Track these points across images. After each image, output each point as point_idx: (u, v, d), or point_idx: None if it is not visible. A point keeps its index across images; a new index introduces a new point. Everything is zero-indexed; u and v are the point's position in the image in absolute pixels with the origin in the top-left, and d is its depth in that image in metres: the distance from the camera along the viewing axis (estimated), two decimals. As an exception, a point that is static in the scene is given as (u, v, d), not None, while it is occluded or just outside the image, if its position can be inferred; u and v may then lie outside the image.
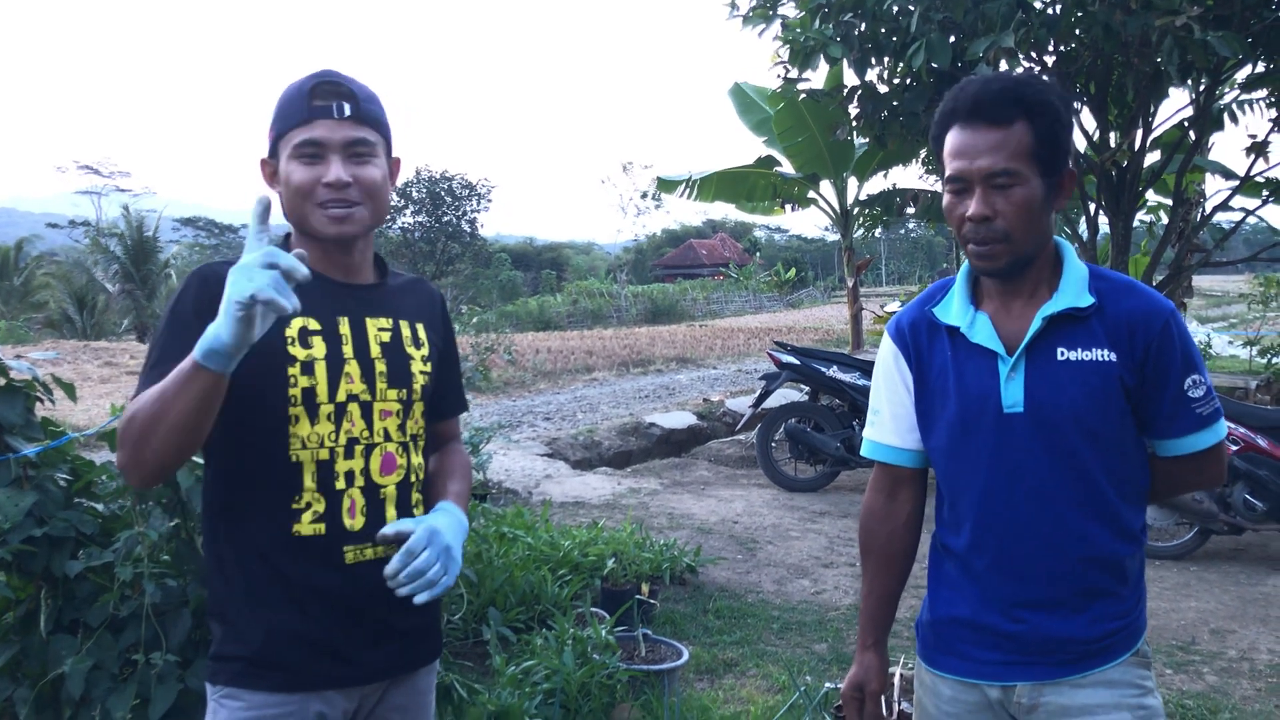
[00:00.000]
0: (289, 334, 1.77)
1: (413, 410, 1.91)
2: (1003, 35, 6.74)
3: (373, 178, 1.80)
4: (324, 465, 1.78)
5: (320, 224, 1.79)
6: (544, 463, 9.30)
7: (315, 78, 1.80)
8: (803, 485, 8.59)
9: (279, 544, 1.77)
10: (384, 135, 1.86)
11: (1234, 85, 8.99)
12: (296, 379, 1.76)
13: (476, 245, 44.43)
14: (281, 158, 1.80)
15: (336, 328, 1.83)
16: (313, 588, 1.78)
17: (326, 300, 1.83)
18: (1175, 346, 1.78)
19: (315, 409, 1.77)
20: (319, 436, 1.78)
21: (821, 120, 13.60)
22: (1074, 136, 2.02)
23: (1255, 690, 4.42)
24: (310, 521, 1.77)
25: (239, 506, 1.80)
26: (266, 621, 1.77)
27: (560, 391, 16.57)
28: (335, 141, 1.77)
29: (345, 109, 1.78)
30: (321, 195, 1.77)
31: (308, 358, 1.77)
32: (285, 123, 1.79)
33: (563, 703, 3.60)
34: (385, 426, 1.85)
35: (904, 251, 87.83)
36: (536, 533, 5.55)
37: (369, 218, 1.82)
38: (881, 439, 2.00)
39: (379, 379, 1.85)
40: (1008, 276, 1.80)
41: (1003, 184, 1.73)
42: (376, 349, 1.86)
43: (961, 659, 1.90)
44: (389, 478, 1.86)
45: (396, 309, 1.94)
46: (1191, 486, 1.92)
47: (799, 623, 5.21)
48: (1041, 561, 1.80)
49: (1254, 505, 6.16)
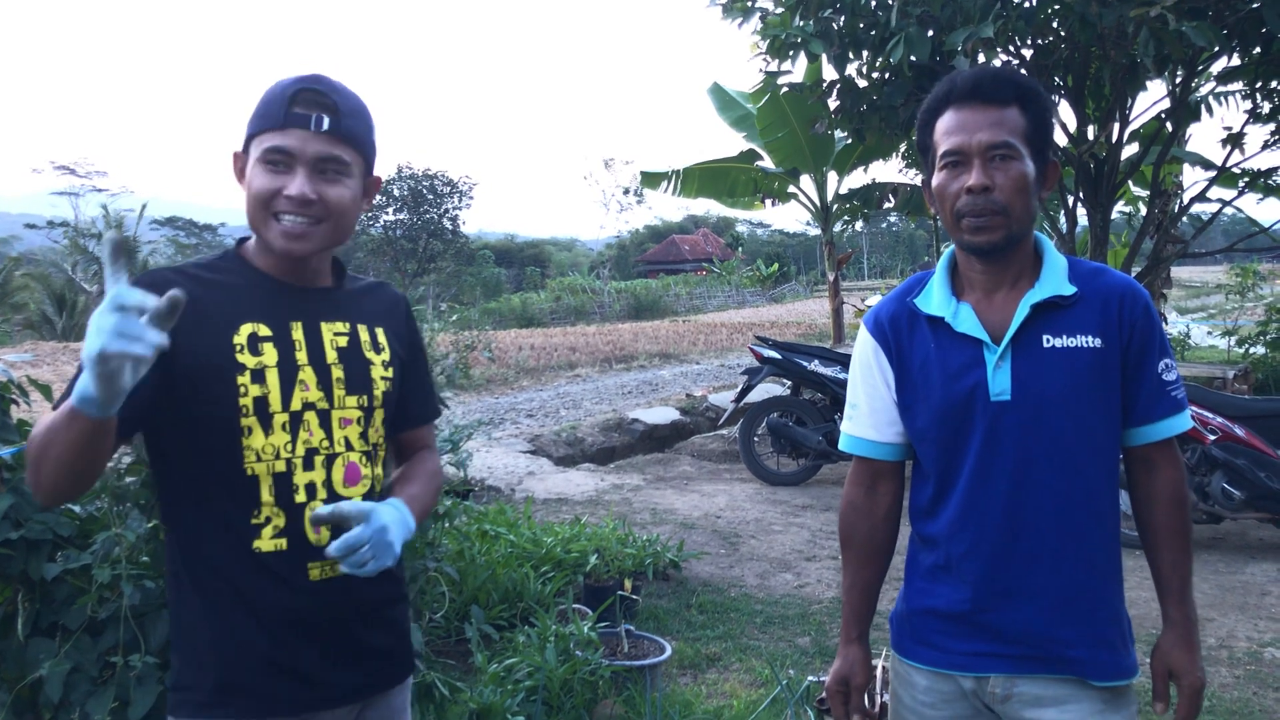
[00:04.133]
0: (237, 341, 1.67)
1: (374, 418, 1.81)
2: (981, 26, 6.77)
3: (339, 199, 1.70)
4: (282, 478, 1.68)
5: (273, 237, 1.68)
6: (527, 460, 9.28)
7: (301, 82, 1.69)
8: (785, 479, 8.61)
9: (239, 561, 1.67)
10: (363, 154, 1.76)
11: (1210, 78, 9.06)
12: (247, 388, 1.65)
13: (459, 242, 44.36)
14: (251, 158, 1.70)
15: (289, 333, 1.73)
16: (277, 607, 1.68)
17: (279, 304, 1.74)
18: (1155, 329, 1.81)
19: (269, 419, 1.67)
20: (274, 448, 1.68)
21: (802, 115, 13.66)
22: (1054, 131, 2.05)
23: (1234, 677, 4.46)
24: (271, 537, 1.68)
25: (195, 523, 1.69)
26: (229, 645, 1.68)
27: (543, 388, 16.55)
28: (307, 154, 1.66)
29: (324, 122, 1.67)
30: (280, 206, 1.66)
31: (258, 365, 1.67)
32: (260, 123, 1.69)
33: (545, 700, 3.60)
34: (346, 435, 1.76)
35: (885, 245, 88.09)
36: (519, 530, 5.55)
37: (326, 239, 1.72)
38: (860, 433, 2.00)
39: (336, 386, 1.75)
40: (1000, 254, 1.80)
41: (1002, 155, 1.75)
42: (333, 354, 1.76)
43: (935, 649, 1.90)
44: (354, 489, 1.76)
45: (354, 313, 1.84)
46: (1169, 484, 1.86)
47: (782, 616, 5.23)
48: (1018, 548, 1.80)
49: (1232, 494, 6.21)
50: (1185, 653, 1.84)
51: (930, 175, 1.86)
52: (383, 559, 1.62)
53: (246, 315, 1.70)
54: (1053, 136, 1.84)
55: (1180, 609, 1.86)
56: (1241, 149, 8.84)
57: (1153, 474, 1.87)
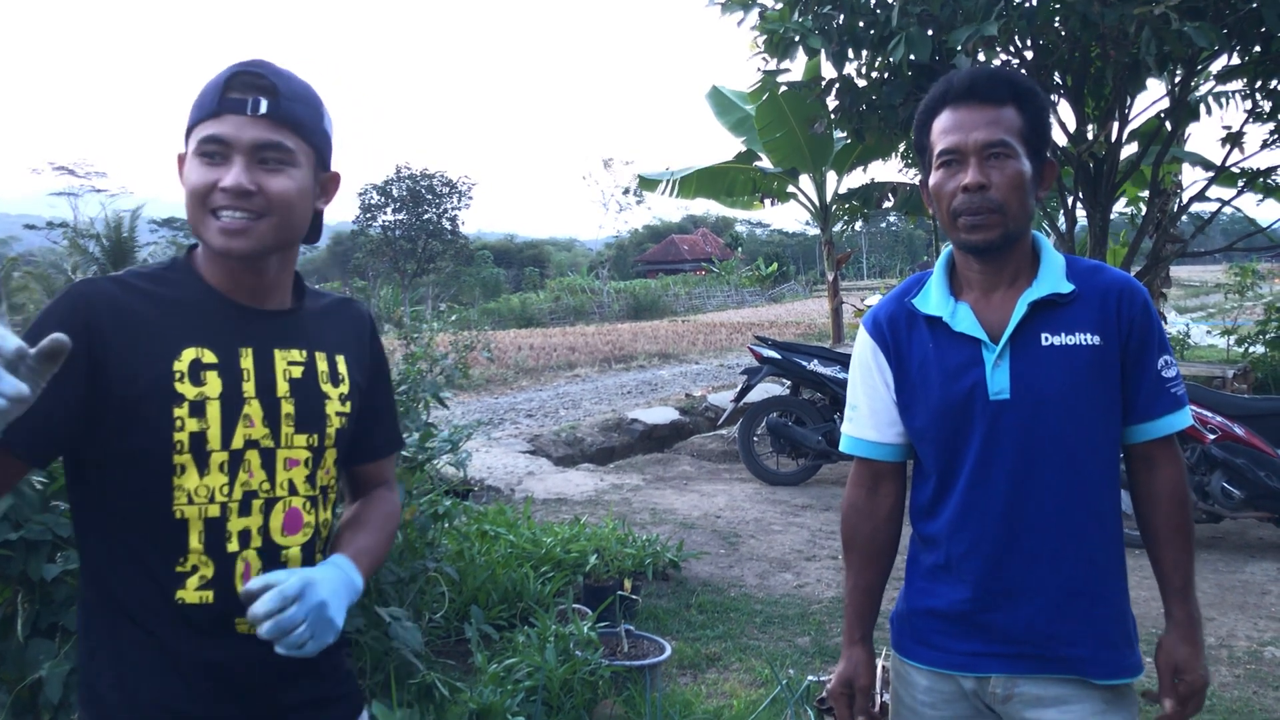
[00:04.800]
0: (177, 368, 1.48)
1: (324, 459, 1.62)
2: (984, 25, 6.77)
3: (283, 190, 1.50)
4: (214, 523, 1.49)
5: (210, 235, 1.49)
6: (526, 460, 9.28)
7: (237, 66, 1.51)
8: (785, 479, 8.61)
9: (159, 612, 1.49)
10: (311, 143, 1.56)
11: (1209, 77, 9.06)
12: (184, 422, 1.46)
13: (458, 243, 44.40)
14: (188, 155, 1.52)
15: (236, 361, 1.53)
16: (199, 662, 1.50)
17: (227, 328, 1.54)
18: (1154, 325, 1.81)
19: (205, 458, 1.48)
20: (208, 490, 1.48)
21: (801, 115, 13.65)
22: (1052, 131, 2.05)
23: (1234, 677, 4.46)
24: (196, 588, 1.49)
25: (110, 563, 1.51)
26: (144, 701, 1.50)
27: (543, 388, 16.55)
28: (242, 142, 1.47)
29: (261, 105, 1.49)
30: (216, 201, 1.48)
31: (198, 396, 1.48)
32: (196, 114, 1.51)
33: (545, 700, 3.60)
34: (290, 478, 1.56)
35: (884, 245, 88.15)
36: (518, 530, 5.55)
37: (270, 236, 1.51)
38: (860, 434, 2.00)
39: (285, 422, 1.56)
40: (997, 252, 1.80)
41: (998, 154, 1.75)
42: (284, 386, 1.57)
43: (935, 650, 1.90)
44: (293, 538, 1.56)
45: (313, 339, 1.64)
46: (1170, 482, 1.85)
47: (781, 616, 5.22)
48: (1019, 547, 1.80)
49: (1232, 493, 6.22)
50: (1188, 650, 1.83)
51: (928, 175, 1.86)
52: (323, 637, 1.45)
53: (190, 338, 1.51)
54: (1050, 136, 1.84)
55: (1183, 607, 1.86)
56: (1241, 148, 8.85)
57: (1153, 472, 1.87)
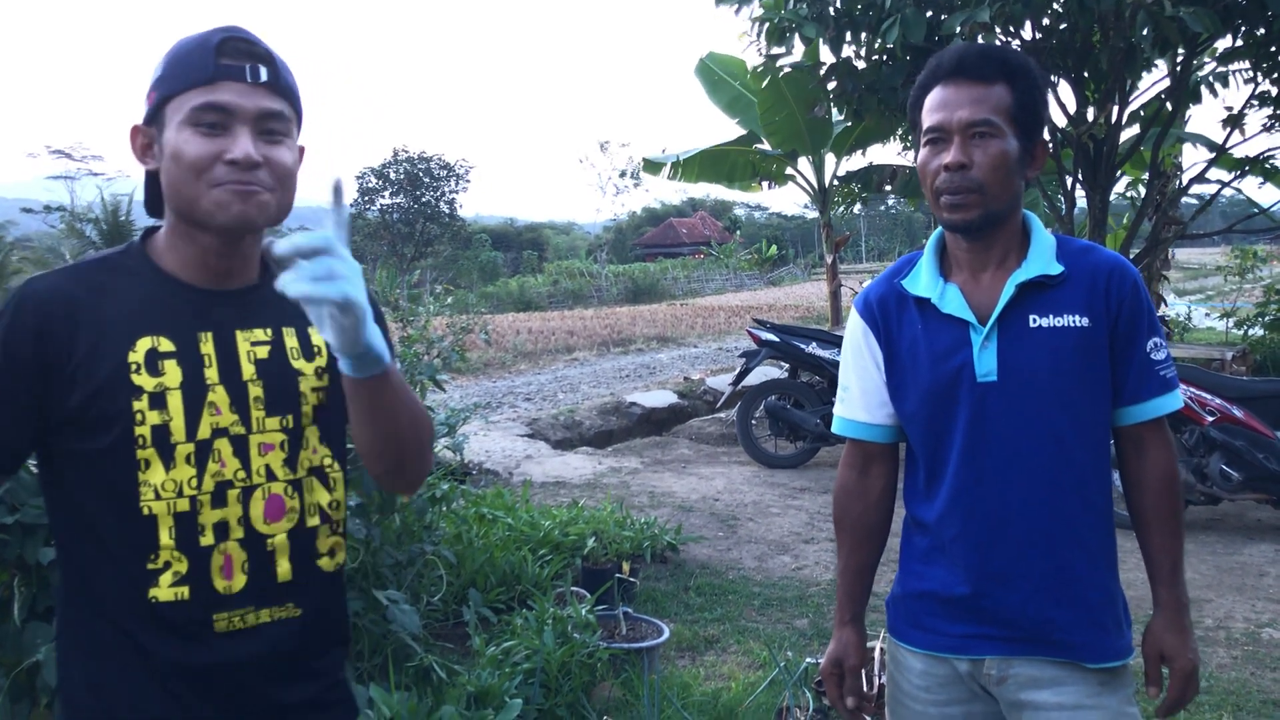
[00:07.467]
0: (133, 359, 1.41)
1: (305, 439, 1.54)
2: (978, 10, 6.74)
3: (286, 162, 1.45)
4: (184, 518, 1.43)
5: (214, 205, 1.41)
6: (524, 443, 9.28)
7: (223, 31, 1.43)
8: (783, 462, 8.62)
9: (133, 612, 1.43)
10: (299, 112, 1.51)
11: (1213, 55, 9.01)
12: (144, 414, 1.40)
13: (456, 226, 44.25)
14: (168, 125, 1.42)
15: (196, 347, 1.46)
16: (175, 663, 1.44)
17: (185, 313, 1.47)
18: (1144, 307, 1.80)
19: (170, 450, 1.42)
20: (175, 484, 1.42)
21: (800, 97, 13.58)
22: (1050, 111, 2.03)
23: (1232, 658, 4.47)
24: (170, 585, 1.43)
25: (83, 561, 1.46)
26: (120, 705, 1.45)
27: (541, 372, 16.55)
28: (247, 110, 1.40)
29: (261, 73, 1.42)
30: (220, 175, 1.40)
31: (157, 387, 1.42)
32: (179, 81, 1.41)
33: (543, 682, 3.61)
34: (267, 463, 1.49)
35: (883, 228, 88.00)
36: (517, 513, 5.55)
37: (275, 209, 1.46)
38: (852, 415, 2.00)
39: (255, 406, 1.49)
40: (978, 232, 1.79)
41: (981, 133, 1.74)
42: (250, 369, 1.49)
43: (930, 633, 1.90)
44: (276, 525, 1.50)
45: (280, 314, 1.53)
46: (1159, 465, 1.84)
47: (780, 598, 5.24)
48: (1009, 531, 1.80)
49: (1230, 475, 6.22)
50: (1176, 636, 1.83)
51: (919, 153, 1.85)
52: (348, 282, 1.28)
53: (145, 327, 1.44)
54: (1042, 115, 1.82)
55: (1171, 592, 1.85)
56: (1242, 130, 8.82)
57: (1142, 455, 1.86)
